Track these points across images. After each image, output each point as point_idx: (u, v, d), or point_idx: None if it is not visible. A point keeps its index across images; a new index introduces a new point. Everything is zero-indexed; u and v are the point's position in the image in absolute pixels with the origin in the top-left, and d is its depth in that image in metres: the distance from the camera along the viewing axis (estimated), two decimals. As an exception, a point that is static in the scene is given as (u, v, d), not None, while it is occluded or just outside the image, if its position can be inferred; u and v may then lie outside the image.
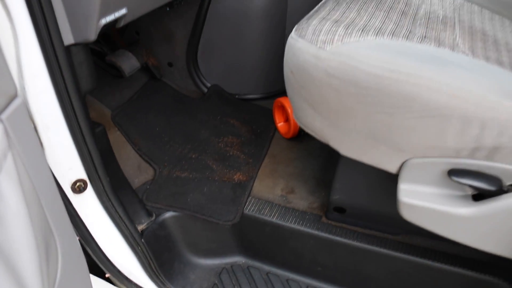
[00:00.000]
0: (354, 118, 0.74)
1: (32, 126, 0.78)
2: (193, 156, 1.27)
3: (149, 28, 1.42)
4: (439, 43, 0.81)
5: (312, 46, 0.74)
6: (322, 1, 0.95)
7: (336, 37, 0.74)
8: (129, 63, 1.12)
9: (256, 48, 1.41)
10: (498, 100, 0.69)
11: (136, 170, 1.23)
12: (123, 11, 0.86)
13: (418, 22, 0.89)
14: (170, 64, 1.49)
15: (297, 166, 1.24)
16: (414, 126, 0.72)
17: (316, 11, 0.88)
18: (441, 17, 0.94)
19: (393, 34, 0.79)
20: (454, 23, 0.92)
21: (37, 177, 0.64)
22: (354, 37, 0.75)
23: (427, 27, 0.87)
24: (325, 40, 0.74)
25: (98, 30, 0.82)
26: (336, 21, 0.81)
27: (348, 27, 0.78)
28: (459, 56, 0.78)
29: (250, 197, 1.15)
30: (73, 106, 0.82)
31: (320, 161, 1.26)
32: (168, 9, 1.32)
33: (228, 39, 1.41)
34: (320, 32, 0.76)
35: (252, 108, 1.46)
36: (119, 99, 1.37)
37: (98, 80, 0.94)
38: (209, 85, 1.50)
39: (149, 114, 1.38)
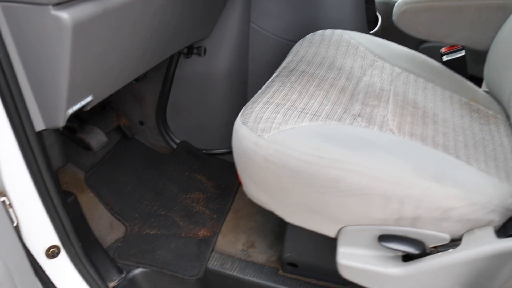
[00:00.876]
0: (292, 195, 0.85)
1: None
2: (162, 213, 1.36)
3: (121, 92, 1.53)
4: (369, 122, 0.92)
5: (252, 134, 0.85)
6: (271, 79, 1.07)
7: (274, 125, 0.86)
8: (97, 139, 1.23)
9: (220, 107, 1.53)
10: (413, 179, 0.80)
11: (109, 228, 1.32)
12: (89, 99, 0.97)
13: (356, 97, 1.01)
14: (141, 123, 1.60)
15: (257, 220, 1.34)
16: (343, 202, 0.83)
17: (263, 91, 1.00)
18: (377, 91, 1.06)
19: (327, 117, 0.90)
20: (389, 96, 1.05)
21: (8, 254, 0.73)
22: (290, 124, 0.86)
23: (362, 103, 1.00)
24: (264, 129, 0.85)
25: (66, 118, 0.92)
26: (278, 105, 0.92)
27: (286, 112, 0.89)
28: (385, 136, 0.89)
29: (213, 252, 1.24)
30: (45, 184, 0.92)
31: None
32: (134, 82, 1.43)
33: (194, 99, 1.52)
34: (261, 119, 0.87)
35: (218, 163, 1.57)
36: (92, 159, 1.47)
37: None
38: (178, 141, 1.61)
39: (121, 173, 1.47)
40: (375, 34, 1.53)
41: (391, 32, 1.72)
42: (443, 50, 1.24)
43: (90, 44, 0.89)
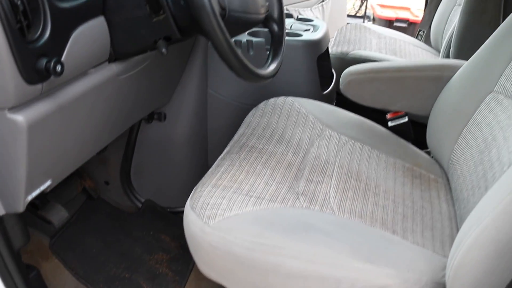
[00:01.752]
0: (238, 276, 0.92)
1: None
2: (127, 275, 1.41)
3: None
4: (310, 201, 1.00)
5: (199, 221, 0.92)
6: (222, 156, 1.14)
7: (219, 211, 0.92)
8: (58, 216, 1.29)
9: (182, 168, 1.60)
10: (348, 261, 0.88)
11: (73, 294, 1.37)
12: (48, 183, 1.02)
13: (301, 173, 1.09)
14: (106, 183, 1.65)
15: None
16: (285, 284, 0.89)
17: (213, 171, 1.07)
18: (323, 164, 1.14)
19: (270, 199, 0.98)
20: (333, 170, 1.12)
21: None
22: (235, 210, 0.93)
23: (307, 180, 1.07)
24: (210, 215, 0.92)
25: (26, 203, 0.98)
26: (225, 188, 0.99)
27: (232, 197, 0.96)
28: (325, 216, 0.97)
29: (176, 316, 1.30)
30: (6, 265, 0.97)
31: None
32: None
33: (156, 161, 1.59)
34: (207, 205, 0.94)
35: (182, 221, 1.62)
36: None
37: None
38: (143, 200, 1.67)
39: (87, 235, 1.52)
40: (329, 92, 1.62)
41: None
42: (388, 116, 1.33)
43: (46, 137, 0.95)
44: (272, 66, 1.05)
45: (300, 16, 1.76)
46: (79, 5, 0.94)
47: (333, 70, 1.74)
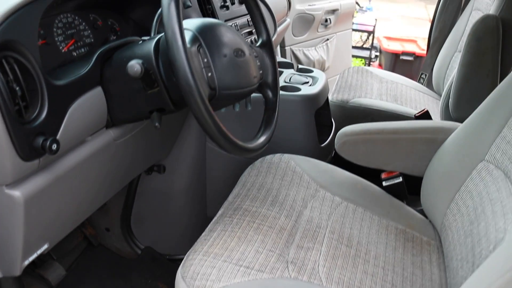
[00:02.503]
0: None
1: None
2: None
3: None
4: (299, 271, 1.01)
5: (188, 293, 0.93)
6: (215, 219, 1.16)
7: (208, 282, 0.94)
8: (55, 274, 1.31)
9: (182, 218, 1.62)
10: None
11: None
12: (45, 247, 1.04)
13: (293, 238, 1.10)
14: (107, 229, 1.68)
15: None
16: None
17: (206, 237, 1.08)
18: (314, 229, 1.15)
19: (259, 270, 0.99)
20: (324, 235, 1.13)
21: None
22: (223, 281, 0.94)
23: (297, 246, 1.08)
24: (199, 286, 0.93)
25: (23, 267, 1.00)
26: (215, 256, 1.00)
27: (222, 266, 0.97)
28: (312, 288, 0.98)
29: None
30: None
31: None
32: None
33: (156, 211, 1.61)
34: (197, 275, 0.95)
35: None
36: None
37: None
38: (143, 247, 1.68)
39: (87, 283, 1.54)
40: (327, 144, 1.64)
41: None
42: (382, 175, 1.34)
43: (43, 207, 0.98)
44: (262, 138, 1.06)
45: (300, 67, 1.78)
46: (77, 80, 0.98)
47: (332, 120, 1.76)
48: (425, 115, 1.85)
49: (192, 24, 0.96)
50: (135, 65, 0.82)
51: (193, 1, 1.34)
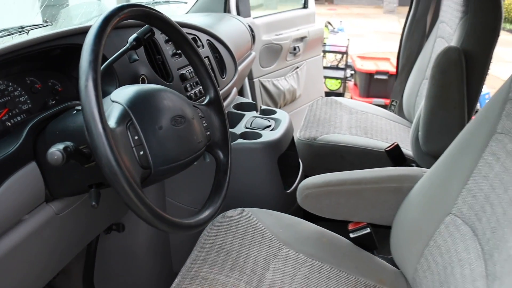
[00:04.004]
0: None
1: None
2: None
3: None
4: None
5: None
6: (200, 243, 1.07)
7: None
8: None
9: (146, 276, 1.51)
10: None
11: None
12: None
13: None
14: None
15: None
16: None
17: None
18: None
19: None
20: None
21: None
22: None
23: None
24: None
25: None
26: None
27: None
28: None
29: None
30: None
31: None
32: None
33: (119, 270, 1.50)
34: None
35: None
36: None
37: None
38: (108, 308, 1.57)
39: None
40: (293, 189, 1.55)
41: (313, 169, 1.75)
42: (349, 227, 1.25)
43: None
44: (207, 212, 0.97)
45: (263, 107, 1.70)
46: (5, 158, 0.88)
47: (299, 160, 1.68)
48: (396, 149, 1.77)
49: (123, 96, 0.87)
50: (54, 153, 0.72)
51: (141, 53, 1.26)
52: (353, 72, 4.65)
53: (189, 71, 1.43)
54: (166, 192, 1.45)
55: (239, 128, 1.52)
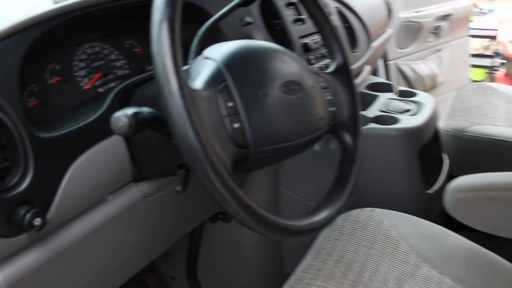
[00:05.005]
0: None
1: None
2: None
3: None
4: None
5: None
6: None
7: None
8: None
9: (253, 270, 1.31)
10: None
11: None
12: None
13: None
14: (173, 278, 1.43)
15: None
16: None
17: None
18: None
19: None
20: None
21: None
22: None
23: None
24: None
25: None
26: None
27: None
28: None
29: None
30: None
31: None
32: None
33: (225, 261, 1.32)
34: None
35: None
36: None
37: None
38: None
39: None
40: (438, 189, 1.22)
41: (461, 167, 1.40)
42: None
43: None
44: (325, 213, 0.71)
45: (401, 89, 1.39)
46: (87, 125, 0.72)
47: (443, 155, 1.33)
48: None
49: (219, 51, 0.64)
50: (119, 118, 0.53)
51: (256, 15, 1.04)
52: (504, 60, 3.98)
53: (314, 40, 1.18)
54: (282, 181, 1.22)
55: (372, 111, 1.23)
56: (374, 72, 2.12)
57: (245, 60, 0.63)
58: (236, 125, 0.59)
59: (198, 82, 0.59)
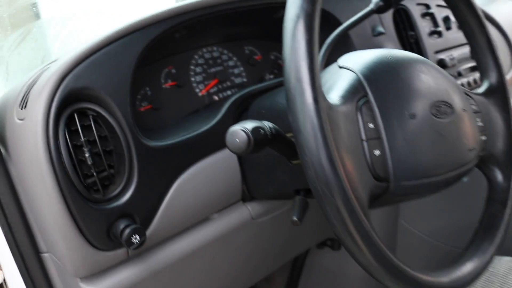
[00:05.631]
0: None
1: None
2: None
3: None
4: None
5: None
6: None
7: None
8: None
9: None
10: None
11: None
12: None
13: None
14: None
15: None
16: None
17: None
18: None
19: None
20: None
21: None
22: None
23: None
24: None
25: None
26: None
27: None
28: None
29: None
30: None
31: None
32: None
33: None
34: None
35: None
36: None
37: None
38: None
39: None
40: None
41: None
42: None
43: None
44: (469, 266, 0.56)
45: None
46: (199, 136, 0.65)
47: None
48: None
49: (357, 61, 0.53)
50: (237, 133, 0.44)
51: (388, 26, 0.91)
52: None
53: (450, 56, 1.02)
54: (400, 213, 1.07)
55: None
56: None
57: (388, 72, 0.51)
58: (377, 152, 0.47)
59: (334, 95, 0.48)
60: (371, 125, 0.47)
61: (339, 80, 0.51)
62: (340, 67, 0.53)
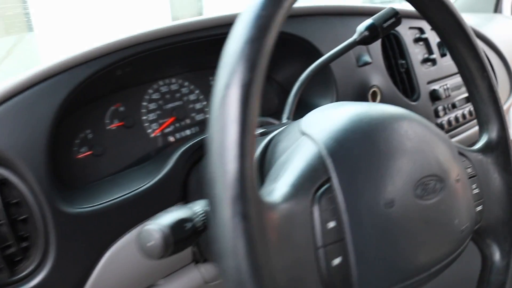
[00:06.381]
0: None
1: None
2: None
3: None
4: None
5: None
6: None
7: None
8: None
9: None
10: None
11: None
12: None
13: None
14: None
15: None
16: None
17: None
18: None
19: None
20: None
21: None
22: None
23: None
24: None
25: None
26: None
27: None
28: None
29: None
30: None
31: None
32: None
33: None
34: None
35: None
36: None
37: None
38: None
39: None
40: None
41: None
42: None
43: None
44: None
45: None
46: (142, 193, 0.53)
47: None
48: None
49: (323, 125, 0.40)
50: (149, 235, 0.32)
51: (376, 54, 0.79)
52: None
53: (444, 87, 0.90)
54: None
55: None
56: None
57: (361, 143, 0.38)
58: (337, 260, 0.35)
59: (284, 182, 0.35)
60: (331, 224, 0.35)
61: (296, 154, 0.38)
62: (303, 133, 0.41)
